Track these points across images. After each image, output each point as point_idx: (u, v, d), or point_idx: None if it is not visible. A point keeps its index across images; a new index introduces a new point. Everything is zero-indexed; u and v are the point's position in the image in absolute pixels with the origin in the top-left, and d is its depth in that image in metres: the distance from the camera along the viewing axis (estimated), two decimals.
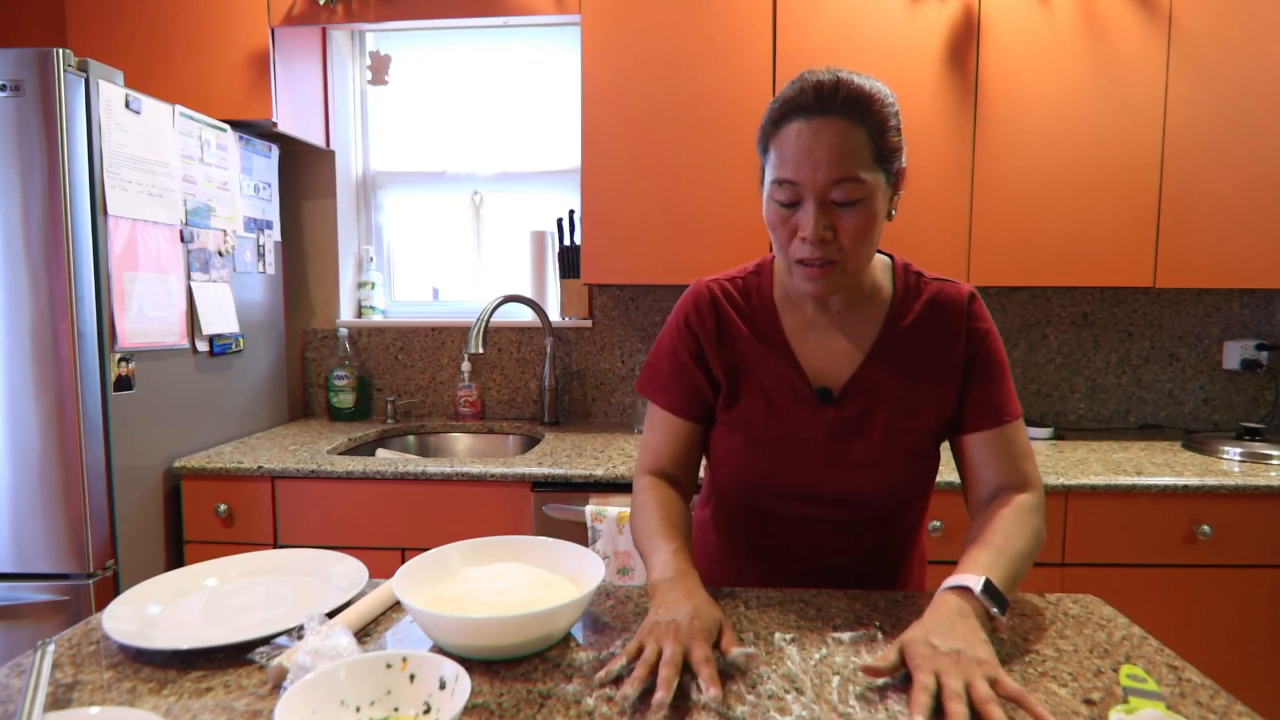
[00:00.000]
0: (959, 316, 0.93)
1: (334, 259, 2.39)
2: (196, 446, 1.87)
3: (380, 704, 0.67)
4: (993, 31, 1.84)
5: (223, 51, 2.00)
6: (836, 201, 0.82)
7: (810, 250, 0.84)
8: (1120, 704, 0.69)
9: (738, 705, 0.69)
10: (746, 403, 0.95)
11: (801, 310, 0.96)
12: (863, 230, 0.83)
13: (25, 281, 1.51)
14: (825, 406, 0.93)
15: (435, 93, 2.44)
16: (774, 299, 0.97)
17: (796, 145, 0.81)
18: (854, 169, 0.81)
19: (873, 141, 0.82)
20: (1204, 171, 1.84)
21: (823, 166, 0.80)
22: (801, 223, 0.83)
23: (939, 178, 1.88)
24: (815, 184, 0.81)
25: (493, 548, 0.94)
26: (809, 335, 0.95)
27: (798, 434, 0.93)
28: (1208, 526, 1.60)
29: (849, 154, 0.80)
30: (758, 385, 0.94)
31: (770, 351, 0.94)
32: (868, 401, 0.92)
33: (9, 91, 1.48)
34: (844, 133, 0.80)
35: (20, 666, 0.77)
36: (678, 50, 1.90)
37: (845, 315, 0.94)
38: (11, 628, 1.56)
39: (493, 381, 2.37)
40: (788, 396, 0.93)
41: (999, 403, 0.92)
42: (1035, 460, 0.94)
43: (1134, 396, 2.22)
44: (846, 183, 0.81)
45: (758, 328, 0.96)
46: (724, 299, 0.97)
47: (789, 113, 0.83)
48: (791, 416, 0.93)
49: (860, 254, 0.85)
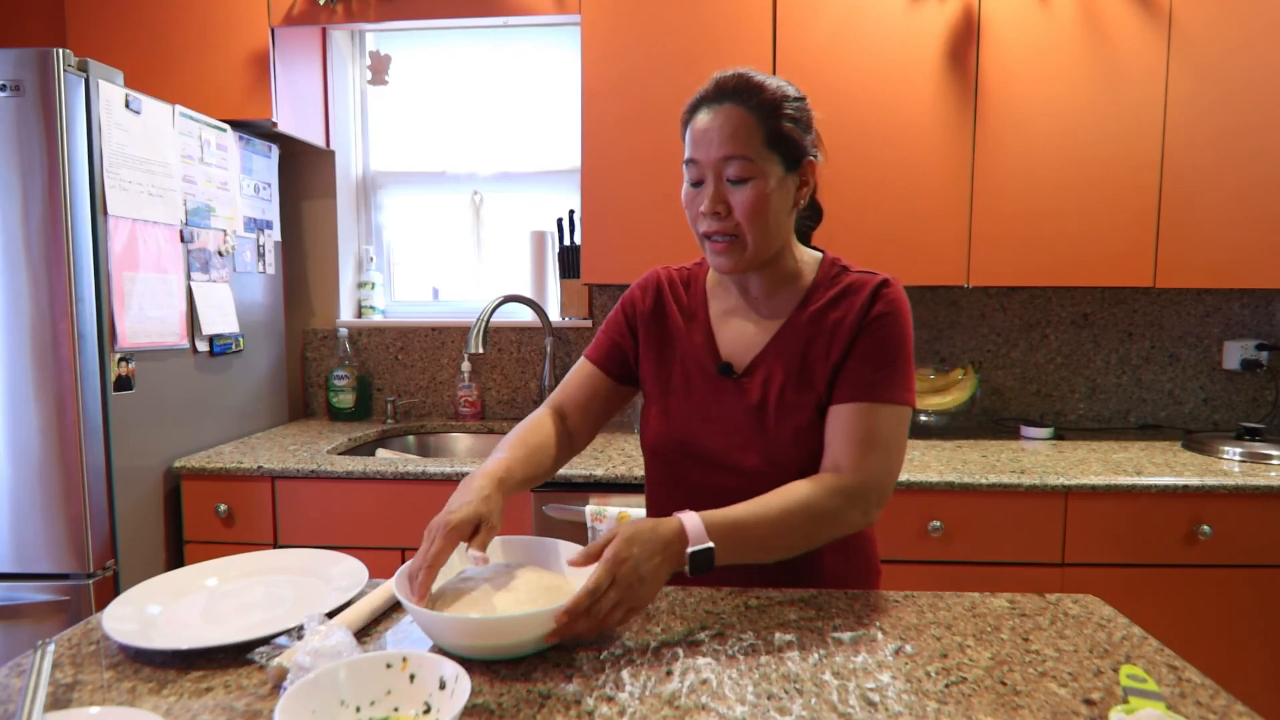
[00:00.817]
0: (863, 301, 0.97)
1: (334, 259, 2.39)
2: (196, 446, 1.87)
3: (380, 704, 0.67)
4: (993, 31, 1.84)
5: (223, 51, 2.00)
6: (730, 179, 0.92)
7: (709, 223, 0.94)
8: (1120, 704, 0.69)
9: (738, 705, 0.69)
10: (665, 374, 1.05)
11: (728, 297, 1.05)
12: (754, 206, 0.92)
13: (25, 281, 1.51)
14: (726, 380, 1.01)
15: (435, 93, 2.44)
16: (707, 286, 1.08)
17: (697, 129, 0.93)
18: (742, 149, 0.91)
19: (764, 126, 0.91)
20: (1204, 171, 1.84)
21: (715, 145, 0.91)
22: (702, 197, 0.94)
23: (939, 178, 1.88)
24: (710, 160, 0.92)
25: (490, 548, 0.94)
26: (731, 318, 1.04)
27: (703, 404, 1.02)
28: (1208, 526, 1.60)
29: (739, 135, 0.91)
30: (678, 359, 1.05)
31: (694, 331, 1.05)
32: (764, 377, 0.99)
33: (9, 91, 1.48)
34: (734, 116, 0.91)
35: (20, 666, 0.77)
36: (678, 50, 1.90)
37: (764, 301, 1.03)
38: (11, 628, 1.56)
39: (493, 381, 2.37)
40: (699, 371, 1.03)
41: (869, 382, 0.94)
42: (887, 454, 0.93)
43: (1134, 396, 2.22)
44: (736, 160, 0.91)
45: (688, 309, 1.07)
46: (667, 284, 1.09)
47: (697, 104, 0.95)
48: (698, 388, 1.02)
49: (755, 230, 0.93)
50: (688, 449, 1.02)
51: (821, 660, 0.78)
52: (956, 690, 0.72)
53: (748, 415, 0.99)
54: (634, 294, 1.10)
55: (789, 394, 0.97)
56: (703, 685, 0.73)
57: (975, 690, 0.72)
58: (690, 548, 0.82)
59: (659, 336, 1.07)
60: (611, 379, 1.10)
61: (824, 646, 0.81)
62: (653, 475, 1.10)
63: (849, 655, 0.79)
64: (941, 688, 0.73)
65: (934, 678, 0.74)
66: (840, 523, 0.92)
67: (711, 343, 1.03)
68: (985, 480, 1.62)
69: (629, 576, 0.77)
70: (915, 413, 2.10)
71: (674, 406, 1.03)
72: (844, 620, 0.88)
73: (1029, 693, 0.72)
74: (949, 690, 0.72)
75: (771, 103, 0.92)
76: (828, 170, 2.08)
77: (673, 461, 1.04)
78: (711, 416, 1.01)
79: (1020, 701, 0.70)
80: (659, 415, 1.04)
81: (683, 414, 1.02)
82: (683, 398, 1.03)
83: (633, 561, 0.78)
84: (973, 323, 2.24)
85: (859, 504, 0.91)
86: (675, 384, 1.04)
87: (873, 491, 0.92)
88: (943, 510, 1.64)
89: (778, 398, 0.98)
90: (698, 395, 1.02)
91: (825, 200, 1.17)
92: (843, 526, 0.92)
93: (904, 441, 0.96)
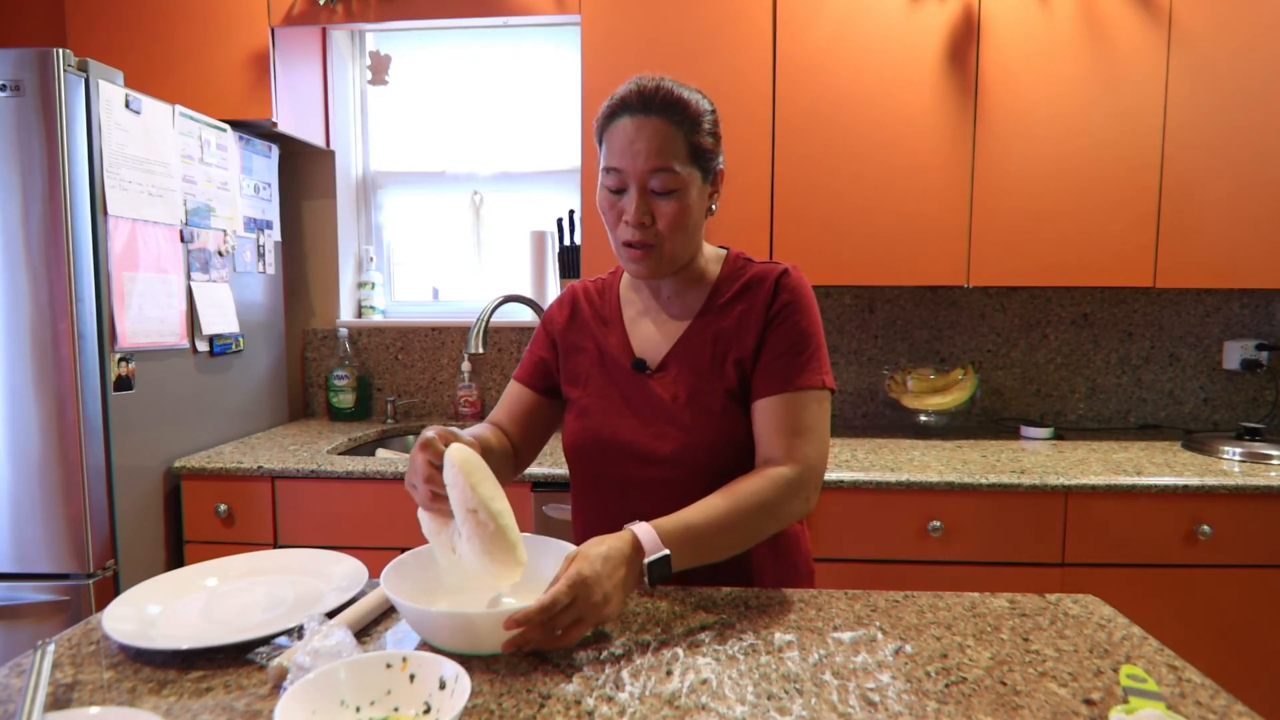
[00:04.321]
0: (767, 289, 1.01)
1: (334, 259, 2.39)
2: (196, 446, 1.87)
3: (380, 704, 0.67)
4: (993, 31, 1.84)
5: (223, 51, 2.00)
6: (655, 190, 0.94)
7: (632, 233, 0.96)
8: (1120, 704, 0.69)
9: (738, 705, 0.69)
10: (585, 376, 1.08)
11: (640, 300, 1.09)
12: (677, 217, 0.95)
13: (25, 281, 1.51)
14: (640, 375, 1.04)
15: (435, 93, 2.44)
16: (620, 292, 1.11)
17: (622, 137, 0.94)
18: (669, 161, 0.93)
19: (687, 141, 0.94)
20: (1204, 171, 1.84)
21: (642, 156, 0.93)
22: (625, 207, 0.96)
23: (939, 178, 1.88)
24: (637, 172, 0.94)
25: None
26: (643, 320, 1.08)
27: (619, 399, 1.04)
28: (1208, 526, 1.60)
29: (665, 149, 0.93)
30: (595, 361, 1.08)
31: (609, 334, 1.08)
32: (677, 370, 1.03)
33: (9, 91, 1.48)
34: (661, 130, 0.93)
35: (20, 666, 0.77)
36: (677, 50, 1.90)
37: (674, 300, 1.06)
38: (11, 628, 1.56)
39: (493, 381, 2.36)
40: (616, 369, 1.06)
41: (787, 372, 0.98)
42: (817, 439, 0.97)
43: (1134, 396, 2.22)
44: (662, 173, 0.93)
45: (603, 315, 1.10)
46: (582, 294, 1.13)
47: (618, 110, 0.95)
48: (614, 385, 1.05)
49: (675, 239, 0.97)
50: (606, 444, 1.04)
51: (821, 660, 0.78)
52: (956, 690, 0.72)
53: (662, 407, 1.02)
54: (552, 310, 1.14)
55: (699, 384, 1.01)
56: (703, 685, 0.73)
57: (975, 690, 0.72)
58: (647, 558, 0.84)
59: (576, 344, 1.10)
60: (538, 393, 1.12)
61: (824, 646, 0.81)
62: (576, 478, 1.11)
63: (849, 655, 0.79)
64: (941, 688, 0.73)
65: (934, 678, 0.74)
66: (785, 513, 0.94)
67: (626, 343, 1.07)
68: (985, 480, 1.62)
69: (591, 596, 0.77)
70: (915, 413, 2.10)
71: (592, 405, 1.06)
72: (844, 620, 0.88)
73: (1029, 693, 0.72)
74: (949, 690, 0.72)
75: (694, 118, 0.95)
76: (828, 170, 2.08)
77: (593, 459, 1.06)
78: (628, 411, 1.04)
79: (1020, 701, 0.70)
80: (577, 416, 1.07)
81: (600, 410, 1.05)
82: (600, 396, 1.06)
83: (594, 579, 0.78)
84: (973, 323, 2.24)
85: (800, 492, 0.94)
86: (593, 385, 1.07)
87: (810, 478, 0.95)
88: (943, 510, 1.64)
89: (690, 389, 1.01)
90: (614, 393, 1.05)
91: (825, 200, 1.18)
92: (787, 517, 0.95)
93: (828, 424, 1.00)
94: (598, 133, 0.99)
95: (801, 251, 1.90)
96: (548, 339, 1.13)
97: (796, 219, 1.91)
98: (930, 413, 2.09)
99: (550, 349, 1.12)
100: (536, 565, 0.92)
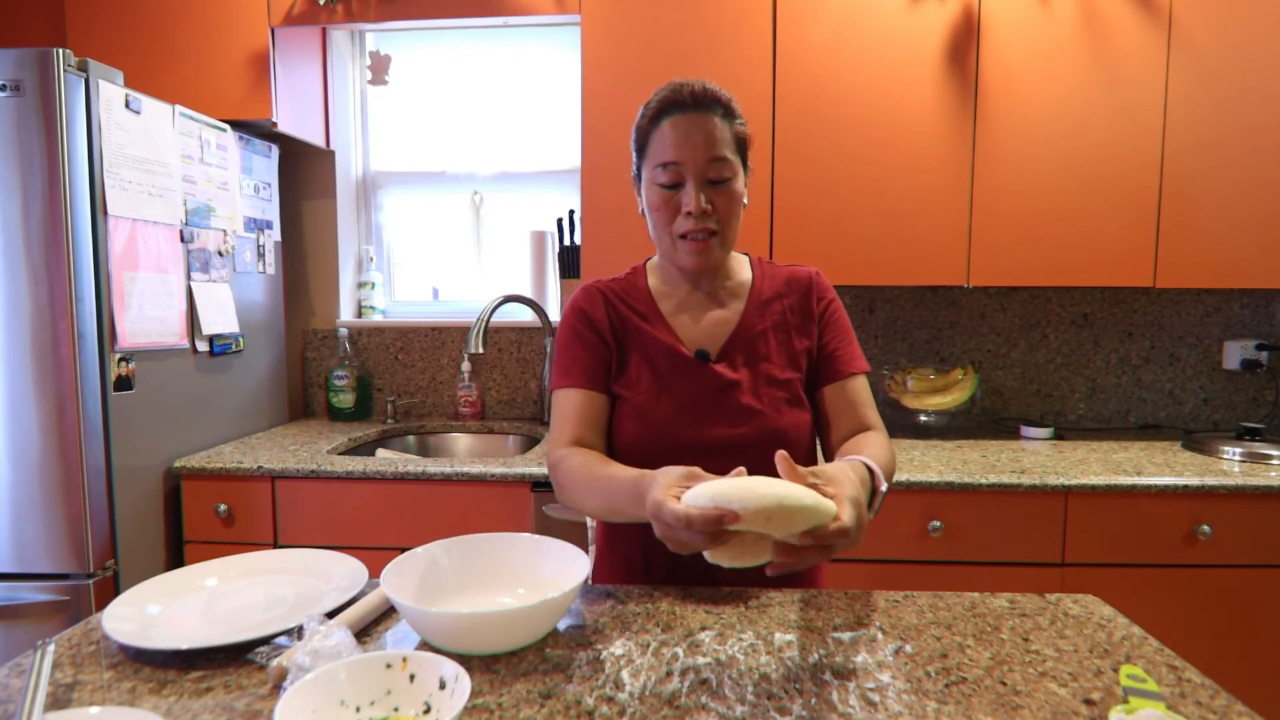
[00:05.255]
0: (810, 287, 1.11)
1: (334, 259, 2.39)
2: (196, 446, 1.87)
3: (380, 704, 0.67)
4: (993, 31, 1.84)
5: (223, 51, 2.00)
6: (712, 180, 1.00)
7: (694, 223, 1.00)
8: (1120, 704, 0.69)
9: (738, 705, 0.69)
10: (635, 371, 1.07)
11: (676, 296, 1.11)
12: (733, 204, 1.02)
13: (25, 281, 1.51)
14: (705, 365, 1.06)
15: (435, 93, 2.44)
16: (649, 290, 1.12)
17: (676, 133, 0.99)
18: (723, 150, 0.99)
19: (733, 132, 1.01)
20: (1204, 171, 1.84)
21: (701, 148, 0.98)
22: (685, 200, 1.00)
23: (939, 178, 1.88)
24: (696, 162, 0.99)
25: (481, 545, 0.94)
26: (684, 314, 1.10)
27: (682, 392, 1.05)
28: (1208, 526, 1.60)
29: (720, 139, 0.99)
30: (644, 356, 1.08)
31: (653, 327, 1.09)
32: (744, 358, 1.06)
33: (9, 91, 1.48)
34: (714, 122, 0.99)
35: (20, 666, 0.77)
36: (678, 50, 1.90)
37: (714, 295, 1.10)
38: (11, 628, 1.56)
39: (493, 381, 2.37)
40: (670, 362, 1.06)
41: (845, 359, 1.08)
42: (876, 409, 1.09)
43: (1134, 396, 2.22)
44: (719, 162, 0.99)
45: (639, 311, 1.10)
46: (609, 292, 1.12)
47: (666, 110, 1.01)
48: (675, 378, 1.06)
49: (731, 226, 1.03)
50: (675, 439, 1.03)
51: (821, 660, 0.78)
52: (956, 690, 0.72)
53: (729, 395, 1.04)
54: (580, 306, 1.10)
55: (771, 371, 1.06)
56: (703, 685, 0.73)
57: (975, 690, 0.72)
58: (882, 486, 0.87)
59: (618, 338, 1.09)
60: (606, 394, 1.08)
61: (824, 646, 0.81)
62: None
63: (849, 655, 0.79)
64: (941, 688, 0.73)
65: (934, 678, 0.74)
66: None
67: (674, 336, 1.08)
68: (985, 480, 1.62)
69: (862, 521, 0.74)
70: (915, 413, 2.10)
71: (651, 402, 1.05)
72: (844, 620, 0.88)
73: (1029, 693, 0.72)
74: (949, 690, 0.72)
75: (734, 113, 1.03)
76: (828, 170, 2.08)
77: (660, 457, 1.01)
78: (687, 401, 1.04)
79: (1020, 701, 0.70)
80: (635, 415, 1.05)
81: (662, 407, 1.04)
82: (658, 392, 1.05)
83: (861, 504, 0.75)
84: (973, 323, 2.24)
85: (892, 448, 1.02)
86: (646, 382, 1.06)
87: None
88: (943, 510, 1.64)
89: (760, 376, 1.05)
90: (674, 386, 1.05)
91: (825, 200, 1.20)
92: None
93: None
94: (640, 137, 1.04)
95: (801, 251, 1.90)
96: (597, 337, 1.09)
97: (796, 219, 1.91)
98: (930, 413, 2.09)
99: (604, 346, 1.09)
100: (537, 565, 0.92)
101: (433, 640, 0.79)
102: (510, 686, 0.73)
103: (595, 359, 1.07)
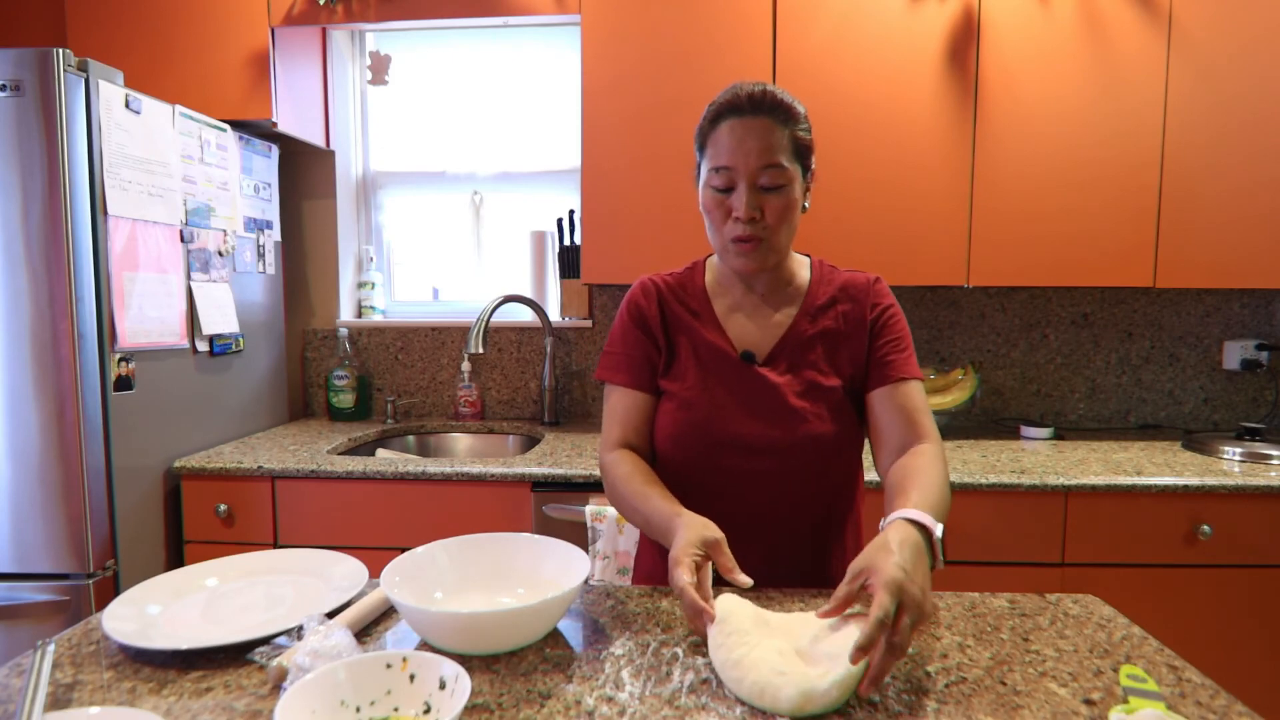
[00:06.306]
0: (866, 294, 1.09)
1: (334, 259, 2.39)
2: (196, 446, 1.87)
3: (380, 704, 0.67)
4: (993, 31, 1.84)
5: (223, 51, 2.00)
6: (764, 186, 0.99)
7: (743, 228, 0.99)
8: (1120, 704, 0.69)
9: (738, 705, 0.69)
10: (682, 367, 1.08)
11: (730, 295, 1.11)
12: (784, 211, 1.00)
13: (25, 281, 1.51)
14: (749, 366, 1.06)
15: (435, 93, 2.44)
16: (705, 288, 1.12)
17: (731, 138, 0.98)
18: (777, 157, 0.98)
19: (791, 138, 0.99)
20: (1204, 171, 1.84)
21: (754, 154, 0.97)
22: (735, 204, 0.99)
23: (939, 178, 1.88)
24: (748, 168, 0.98)
25: (481, 545, 0.94)
26: (737, 314, 1.10)
27: (723, 391, 1.05)
28: (1208, 526, 1.60)
29: (774, 146, 0.98)
30: (692, 353, 1.08)
31: (703, 326, 1.09)
32: (788, 363, 1.06)
33: (9, 91, 1.48)
34: (770, 128, 0.98)
35: (20, 666, 0.77)
36: (678, 50, 1.90)
37: (769, 297, 1.10)
38: (11, 628, 1.56)
39: (493, 381, 2.37)
40: (718, 361, 1.07)
41: (899, 365, 1.06)
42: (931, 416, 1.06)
43: (1134, 396, 2.22)
44: (772, 169, 0.98)
45: (692, 309, 1.11)
46: (665, 288, 1.13)
47: (724, 113, 1.00)
48: (716, 377, 1.06)
49: (781, 234, 1.01)
50: (712, 436, 1.04)
51: None
52: (956, 690, 0.72)
53: (774, 398, 1.04)
54: (635, 301, 1.12)
55: (816, 377, 1.05)
56: (703, 685, 0.73)
57: (975, 690, 0.72)
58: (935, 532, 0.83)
59: (669, 335, 1.10)
60: (650, 394, 1.10)
61: None
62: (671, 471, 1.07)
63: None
64: (941, 688, 0.73)
65: (934, 678, 0.74)
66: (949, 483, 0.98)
67: (724, 336, 1.08)
68: (985, 480, 1.62)
69: (911, 592, 0.71)
70: None
71: (694, 397, 1.05)
72: None
73: (1029, 693, 0.72)
74: (949, 690, 0.72)
75: (795, 118, 1.00)
76: (828, 170, 2.09)
77: (696, 451, 1.05)
78: (733, 402, 1.04)
79: (1020, 701, 0.70)
80: (678, 408, 1.06)
81: (705, 403, 1.05)
82: (702, 389, 1.06)
83: (903, 575, 0.72)
84: (973, 323, 2.24)
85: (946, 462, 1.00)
86: (691, 378, 1.07)
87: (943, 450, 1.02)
88: None
89: (805, 382, 1.05)
90: (716, 384, 1.06)
91: (825, 200, 1.19)
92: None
93: None
94: (701, 138, 1.04)
95: (801, 251, 1.90)
96: (644, 334, 1.10)
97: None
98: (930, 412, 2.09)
99: (651, 344, 1.10)
100: (537, 565, 0.92)
101: (433, 640, 0.79)
102: (510, 686, 0.73)
103: (642, 357, 1.10)
